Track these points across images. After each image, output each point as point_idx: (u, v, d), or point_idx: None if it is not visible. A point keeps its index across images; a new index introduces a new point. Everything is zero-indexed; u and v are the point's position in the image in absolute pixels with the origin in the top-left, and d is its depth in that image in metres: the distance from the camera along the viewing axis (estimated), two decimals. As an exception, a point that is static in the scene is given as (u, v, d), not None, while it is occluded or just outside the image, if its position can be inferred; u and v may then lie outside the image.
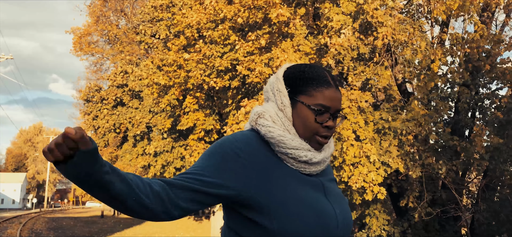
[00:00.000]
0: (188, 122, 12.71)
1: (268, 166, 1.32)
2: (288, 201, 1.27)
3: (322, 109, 1.35)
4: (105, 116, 22.49)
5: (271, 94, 1.42)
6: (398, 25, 10.36)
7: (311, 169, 1.38)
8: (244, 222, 1.31)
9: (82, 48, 29.19)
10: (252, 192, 1.27)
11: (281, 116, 1.37)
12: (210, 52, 10.76)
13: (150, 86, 13.72)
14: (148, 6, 17.18)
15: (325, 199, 1.36)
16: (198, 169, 1.28)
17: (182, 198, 1.23)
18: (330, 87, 1.37)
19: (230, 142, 1.32)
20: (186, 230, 22.60)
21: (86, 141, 1.05)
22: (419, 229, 10.87)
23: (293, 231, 1.25)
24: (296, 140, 1.34)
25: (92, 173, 1.08)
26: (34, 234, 19.85)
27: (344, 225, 1.37)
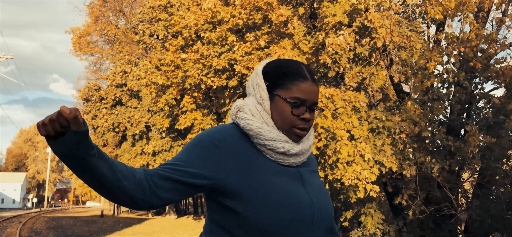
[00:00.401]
0: (186, 121, 12.80)
1: (246, 156, 1.37)
2: (262, 189, 1.31)
3: (298, 102, 1.40)
4: (104, 116, 22.58)
5: (251, 89, 1.48)
6: (395, 27, 10.46)
7: (290, 160, 1.42)
8: (222, 210, 1.36)
9: (81, 48, 29.28)
10: (228, 180, 1.32)
11: (260, 110, 1.42)
12: (207, 52, 10.85)
13: (149, 86, 13.81)
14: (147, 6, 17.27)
15: (302, 188, 1.40)
16: (178, 160, 1.33)
17: (161, 187, 1.28)
18: (306, 80, 1.42)
19: (209, 134, 1.37)
20: (185, 229, 22.69)
21: (79, 122, 1.09)
22: (414, 228, 10.96)
23: (265, 216, 1.29)
24: (273, 132, 1.39)
25: (79, 154, 1.13)
26: (34, 233, 19.92)
27: (321, 213, 1.41)
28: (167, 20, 15.35)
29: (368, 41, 10.50)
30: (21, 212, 44.33)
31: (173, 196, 1.31)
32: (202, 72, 10.87)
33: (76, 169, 1.17)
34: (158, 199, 1.28)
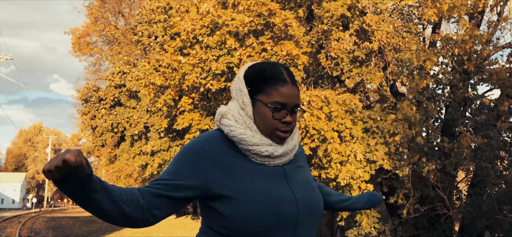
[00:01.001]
0: (183, 121, 12.91)
1: (230, 161, 1.41)
2: (245, 192, 1.36)
3: (279, 106, 1.42)
4: (103, 116, 22.69)
5: (235, 93, 1.51)
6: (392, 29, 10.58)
7: (276, 162, 1.46)
8: (212, 213, 1.42)
9: (80, 49, 29.39)
10: (214, 185, 1.38)
11: (243, 115, 1.45)
12: (206, 56, 10.94)
13: (147, 87, 13.93)
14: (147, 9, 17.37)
15: (287, 186, 1.44)
16: (168, 174, 1.39)
17: (156, 205, 1.34)
18: (286, 84, 1.44)
19: (194, 143, 1.42)
20: (184, 229, 22.79)
21: (84, 168, 1.13)
22: (409, 227, 11.08)
23: (249, 218, 1.34)
24: (256, 137, 1.42)
25: (84, 192, 1.18)
26: (33, 233, 20.02)
27: (306, 207, 1.44)
28: (166, 22, 15.46)
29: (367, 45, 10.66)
30: (21, 212, 44.41)
31: (168, 211, 1.38)
32: (200, 75, 10.98)
33: (79, 202, 1.22)
34: (154, 217, 1.34)
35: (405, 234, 11.24)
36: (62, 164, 1.08)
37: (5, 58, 36.84)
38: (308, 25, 12.48)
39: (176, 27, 12.07)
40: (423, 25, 12.85)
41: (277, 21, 9.89)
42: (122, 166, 21.09)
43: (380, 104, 12.85)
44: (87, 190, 1.18)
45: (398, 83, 12.49)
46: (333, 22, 10.55)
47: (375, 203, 1.92)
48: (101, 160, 28.28)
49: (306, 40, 11.22)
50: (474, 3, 11.28)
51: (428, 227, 11.01)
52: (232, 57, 10.64)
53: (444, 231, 10.82)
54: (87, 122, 23.72)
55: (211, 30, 11.08)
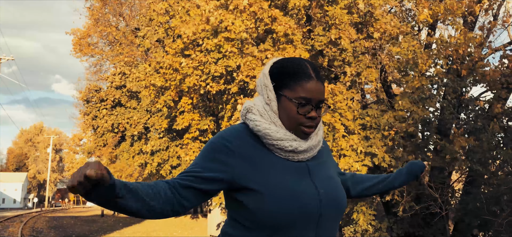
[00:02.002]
0: (183, 121, 13.11)
1: (255, 155, 1.44)
2: (269, 185, 1.39)
3: (304, 101, 1.44)
4: (105, 116, 22.92)
5: (260, 89, 1.53)
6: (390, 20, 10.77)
7: (299, 157, 1.48)
8: (236, 206, 1.46)
9: (81, 49, 29.54)
10: (239, 178, 1.41)
11: (268, 110, 1.47)
12: (205, 59, 11.13)
13: (147, 88, 14.13)
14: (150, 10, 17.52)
15: (310, 181, 1.46)
16: (196, 166, 1.43)
17: (185, 197, 1.38)
18: (311, 80, 1.45)
19: (220, 137, 1.46)
20: (184, 228, 23.02)
21: (105, 179, 1.14)
22: (405, 224, 11.30)
23: (273, 211, 1.37)
24: (281, 132, 1.45)
25: (110, 199, 1.21)
26: (35, 233, 20.21)
27: (329, 202, 1.46)
28: (167, 23, 15.66)
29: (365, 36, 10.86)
30: (22, 212, 44.60)
31: (196, 201, 1.42)
32: (200, 78, 11.18)
33: (106, 207, 1.25)
34: (183, 207, 1.39)
35: (400, 232, 11.46)
36: (84, 179, 1.11)
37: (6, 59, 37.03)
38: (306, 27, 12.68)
39: (177, 30, 12.27)
40: (419, 27, 13.05)
41: (279, 29, 10.09)
42: (123, 166, 21.31)
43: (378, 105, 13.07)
44: (112, 197, 1.20)
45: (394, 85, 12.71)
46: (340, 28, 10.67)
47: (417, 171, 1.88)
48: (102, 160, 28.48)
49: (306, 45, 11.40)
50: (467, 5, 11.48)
51: (423, 226, 11.23)
52: (228, 59, 10.83)
53: (439, 229, 11.03)
54: (89, 122, 23.95)
55: (212, 33, 11.26)
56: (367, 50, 11.02)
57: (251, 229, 1.42)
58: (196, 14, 11.88)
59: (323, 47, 11.01)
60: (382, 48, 11.40)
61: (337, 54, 10.78)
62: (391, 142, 10.17)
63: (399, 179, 1.87)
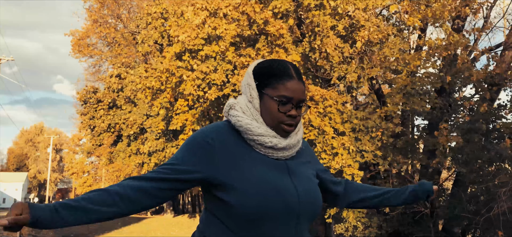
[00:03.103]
0: (178, 122, 13.34)
1: (235, 151, 1.48)
2: (248, 180, 1.42)
3: (284, 100, 1.49)
4: (101, 117, 23.19)
5: (243, 88, 1.58)
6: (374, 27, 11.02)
7: (278, 154, 1.52)
8: (215, 201, 1.48)
9: (80, 50, 29.76)
10: (218, 173, 1.44)
11: (250, 107, 1.52)
12: (207, 69, 11.29)
13: (144, 91, 14.36)
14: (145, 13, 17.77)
15: (288, 179, 1.49)
16: (174, 160, 1.47)
17: (157, 188, 1.42)
18: (292, 79, 1.51)
19: (201, 132, 1.50)
20: (181, 227, 23.26)
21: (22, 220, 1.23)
22: (394, 223, 11.55)
23: (251, 206, 1.40)
24: (262, 128, 1.49)
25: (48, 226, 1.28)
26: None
27: (307, 201, 1.50)
28: (163, 26, 15.90)
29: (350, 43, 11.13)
30: (22, 212, 44.70)
31: (172, 193, 1.46)
32: (199, 88, 11.33)
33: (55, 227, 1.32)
34: (158, 198, 1.43)
35: (390, 229, 11.71)
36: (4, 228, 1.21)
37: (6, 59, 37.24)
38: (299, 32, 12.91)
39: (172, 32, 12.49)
40: (408, 30, 13.26)
41: (272, 30, 10.35)
42: (121, 166, 21.58)
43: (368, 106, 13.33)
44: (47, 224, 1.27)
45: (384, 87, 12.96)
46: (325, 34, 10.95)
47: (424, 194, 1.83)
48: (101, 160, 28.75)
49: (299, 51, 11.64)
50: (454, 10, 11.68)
51: (412, 224, 11.48)
52: (228, 63, 11.06)
53: (429, 227, 11.28)
54: (86, 122, 24.21)
55: (205, 40, 11.47)
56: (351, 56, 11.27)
57: (228, 224, 1.45)
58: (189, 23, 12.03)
59: (310, 54, 11.27)
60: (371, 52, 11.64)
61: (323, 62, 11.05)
62: (379, 142, 10.43)
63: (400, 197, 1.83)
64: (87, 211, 1.32)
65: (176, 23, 12.73)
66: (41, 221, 1.26)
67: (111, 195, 1.37)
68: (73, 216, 1.30)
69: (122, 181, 1.45)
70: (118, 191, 1.38)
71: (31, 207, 1.25)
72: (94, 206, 1.33)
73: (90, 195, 1.36)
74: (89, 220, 1.34)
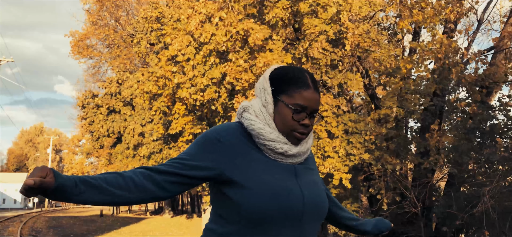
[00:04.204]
0: (177, 126, 13.55)
1: (245, 152, 1.49)
2: (256, 180, 1.44)
3: (299, 108, 1.49)
4: (101, 122, 23.39)
5: (258, 91, 1.58)
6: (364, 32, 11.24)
7: (288, 161, 1.52)
8: (221, 198, 1.50)
9: (80, 51, 29.93)
10: (227, 170, 1.46)
11: (264, 112, 1.52)
12: (192, 73, 11.61)
13: (142, 95, 14.58)
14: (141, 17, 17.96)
15: (295, 181, 1.51)
16: (184, 155, 1.49)
17: (168, 181, 1.44)
18: (309, 89, 1.51)
19: (214, 130, 1.52)
20: (179, 227, 23.46)
21: (47, 183, 1.24)
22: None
23: (257, 205, 1.42)
24: (274, 133, 1.50)
25: (67, 198, 1.30)
26: (34, 232, 20.45)
27: (312, 205, 1.51)
28: (159, 30, 16.10)
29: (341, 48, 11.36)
30: (22, 212, 44.86)
31: (180, 187, 1.48)
32: (189, 90, 11.65)
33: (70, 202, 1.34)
34: (166, 191, 1.45)
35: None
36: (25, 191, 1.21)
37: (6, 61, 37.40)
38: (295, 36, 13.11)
39: (167, 37, 12.72)
40: (402, 33, 13.45)
41: (250, 40, 10.59)
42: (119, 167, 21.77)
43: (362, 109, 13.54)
44: (69, 195, 1.30)
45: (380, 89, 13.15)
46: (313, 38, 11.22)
47: (383, 229, 1.93)
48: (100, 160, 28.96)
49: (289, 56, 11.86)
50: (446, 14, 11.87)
51: (406, 223, 11.68)
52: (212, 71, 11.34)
53: (421, 226, 11.48)
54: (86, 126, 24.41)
55: (196, 48, 11.72)
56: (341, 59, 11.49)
57: (234, 223, 1.47)
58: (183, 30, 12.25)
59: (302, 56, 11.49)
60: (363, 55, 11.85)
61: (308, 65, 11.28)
62: (373, 145, 10.64)
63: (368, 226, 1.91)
64: (103, 191, 1.35)
65: (171, 27, 12.93)
66: (62, 190, 1.28)
67: (125, 180, 1.40)
68: (90, 192, 1.33)
69: (135, 169, 1.47)
70: (133, 177, 1.41)
71: (56, 173, 1.27)
72: (109, 187, 1.36)
73: (106, 176, 1.39)
74: (103, 201, 1.36)
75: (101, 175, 1.38)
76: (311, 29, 10.88)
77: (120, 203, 1.39)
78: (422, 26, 11.87)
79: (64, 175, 1.29)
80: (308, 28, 11.05)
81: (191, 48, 11.46)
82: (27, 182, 1.19)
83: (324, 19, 10.95)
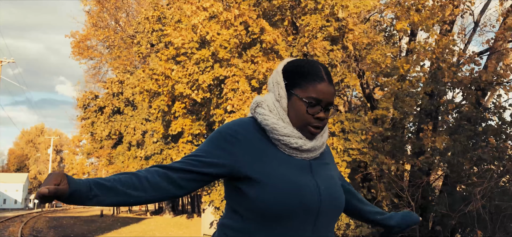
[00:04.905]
0: (176, 127, 13.70)
1: (260, 147, 1.47)
2: (271, 176, 1.42)
3: (314, 102, 1.47)
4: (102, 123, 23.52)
5: (271, 86, 1.56)
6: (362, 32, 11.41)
7: (303, 155, 1.50)
8: (236, 195, 1.49)
9: (81, 52, 30.10)
10: (242, 166, 1.44)
11: (277, 106, 1.50)
12: (191, 69, 11.77)
13: (142, 93, 14.73)
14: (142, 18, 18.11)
15: (311, 177, 1.48)
16: (199, 151, 1.47)
17: (184, 179, 1.43)
18: (323, 82, 1.48)
19: (228, 127, 1.50)
20: (179, 227, 23.58)
21: (62, 191, 1.24)
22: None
23: (273, 201, 1.40)
24: (288, 128, 1.47)
25: (82, 201, 1.30)
26: (35, 232, 20.57)
27: (329, 200, 1.49)
28: (160, 30, 16.27)
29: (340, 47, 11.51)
30: (23, 212, 44.98)
31: (196, 184, 1.47)
32: (187, 86, 11.80)
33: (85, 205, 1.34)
34: (183, 189, 1.45)
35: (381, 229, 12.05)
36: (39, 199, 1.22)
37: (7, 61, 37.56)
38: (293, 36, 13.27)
39: (169, 37, 12.88)
40: (399, 35, 13.60)
41: (268, 39, 10.75)
42: (120, 168, 21.92)
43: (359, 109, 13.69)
44: (82, 199, 1.29)
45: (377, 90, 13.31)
46: (313, 34, 11.39)
47: (410, 223, 1.87)
48: (101, 161, 29.10)
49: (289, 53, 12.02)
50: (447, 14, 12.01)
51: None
52: (221, 68, 11.46)
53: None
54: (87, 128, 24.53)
55: (199, 44, 11.87)
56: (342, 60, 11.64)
57: (250, 219, 1.45)
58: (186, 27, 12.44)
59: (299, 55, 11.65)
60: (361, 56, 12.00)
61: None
62: (369, 145, 10.80)
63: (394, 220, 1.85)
64: (118, 192, 1.34)
65: (173, 28, 13.09)
66: (77, 195, 1.28)
67: (140, 180, 1.39)
68: (105, 195, 1.32)
69: (149, 168, 1.46)
70: (147, 176, 1.40)
71: (70, 179, 1.27)
72: (124, 188, 1.36)
73: (120, 177, 1.38)
74: (117, 202, 1.35)
75: (115, 176, 1.38)
76: (312, 23, 11.04)
77: (136, 203, 1.39)
78: (418, 28, 12.02)
79: (78, 180, 1.31)
80: (307, 25, 11.23)
81: (194, 43, 11.61)
82: (42, 191, 1.20)
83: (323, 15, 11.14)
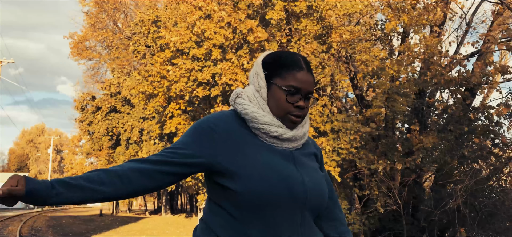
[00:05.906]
0: (171, 126, 13.90)
1: (240, 139, 1.46)
2: (253, 167, 1.40)
3: (293, 90, 1.47)
4: (99, 122, 23.73)
5: (252, 77, 1.56)
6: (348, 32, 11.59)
7: (284, 145, 1.49)
8: (219, 189, 1.46)
9: (79, 53, 30.26)
10: (222, 159, 1.42)
11: (257, 97, 1.50)
12: (191, 66, 12.01)
13: (137, 95, 14.95)
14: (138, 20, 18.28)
15: (294, 168, 1.46)
16: (177, 144, 1.46)
17: (159, 172, 1.41)
18: (302, 70, 1.48)
19: (207, 120, 1.49)
20: (177, 227, 23.76)
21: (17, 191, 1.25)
22: (376, 220, 12.10)
23: (257, 193, 1.38)
24: (268, 117, 1.47)
25: (43, 200, 1.29)
26: (34, 231, 20.66)
27: (313, 192, 1.47)
28: (155, 32, 16.45)
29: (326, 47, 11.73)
30: (23, 212, 45.10)
31: (172, 178, 1.46)
32: (186, 84, 12.04)
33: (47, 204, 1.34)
34: (158, 181, 1.43)
35: (372, 226, 12.25)
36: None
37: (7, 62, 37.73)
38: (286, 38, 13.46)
39: (164, 39, 13.10)
40: (389, 36, 13.77)
41: (251, 39, 10.96)
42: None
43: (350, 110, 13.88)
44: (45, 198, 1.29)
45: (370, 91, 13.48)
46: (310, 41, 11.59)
47: None
48: (100, 161, 29.31)
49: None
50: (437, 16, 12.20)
51: (393, 221, 12.03)
52: (215, 66, 11.69)
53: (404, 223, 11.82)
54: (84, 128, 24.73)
55: (196, 43, 12.11)
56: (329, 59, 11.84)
57: (234, 214, 1.42)
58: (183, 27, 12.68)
59: None
60: (351, 57, 12.19)
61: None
62: (358, 144, 11.00)
63: None
64: (84, 189, 1.33)
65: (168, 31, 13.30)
66: (36, 194, 1.27)
67: (109, 174, 1.37)
68: (68, 193, 1.31)
69: (124, 163, 1.45)
70: (117, 171, 1.39)
71: (28, 179, 1.27)
72: (91, 185, 1.34)
73: (89, 174, 1.37)
74: (84, 198, 1.34)
75: (84, 174, 1.38)
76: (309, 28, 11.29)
77: (106, 199, 1.38)
78: (409, 29, 12.21)
79: (38, 180, 1.31)
80: (303, 28, 11.48)
81: (191, 43, 11.86)
82: None
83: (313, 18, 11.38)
